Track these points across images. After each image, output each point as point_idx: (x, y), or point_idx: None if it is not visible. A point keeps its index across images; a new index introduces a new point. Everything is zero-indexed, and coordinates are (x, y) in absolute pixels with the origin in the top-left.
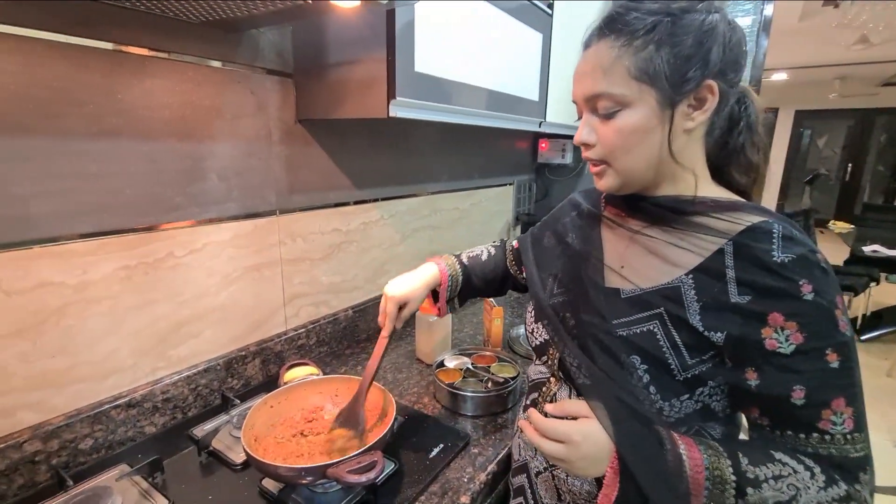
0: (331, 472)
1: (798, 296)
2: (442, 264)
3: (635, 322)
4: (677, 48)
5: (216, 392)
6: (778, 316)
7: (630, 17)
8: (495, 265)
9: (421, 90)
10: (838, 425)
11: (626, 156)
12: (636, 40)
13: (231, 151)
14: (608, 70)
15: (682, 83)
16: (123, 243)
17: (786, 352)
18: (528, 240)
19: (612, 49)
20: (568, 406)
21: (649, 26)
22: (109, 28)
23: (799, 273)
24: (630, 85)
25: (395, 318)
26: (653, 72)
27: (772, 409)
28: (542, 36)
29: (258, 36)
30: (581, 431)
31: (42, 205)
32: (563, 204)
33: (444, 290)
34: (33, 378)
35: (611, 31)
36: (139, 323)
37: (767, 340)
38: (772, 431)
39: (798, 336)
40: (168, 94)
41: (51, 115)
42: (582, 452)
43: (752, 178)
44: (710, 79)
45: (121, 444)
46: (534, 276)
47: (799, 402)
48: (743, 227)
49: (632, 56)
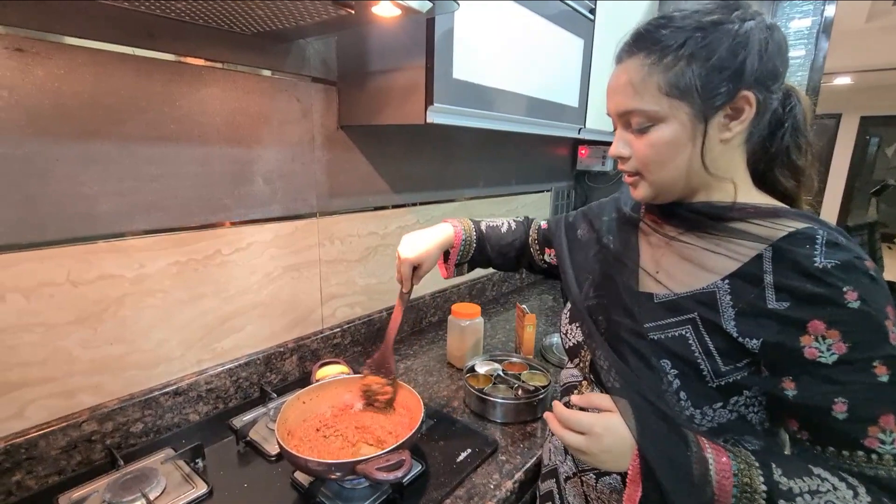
0: (359, 469)
1: (842, 303)
2: (458, 227)
3: (667, 326)
4: (709, 62)
5: (255, 385)
6: (819, 324)
7: (660, 33)
8: (514, 239)
9: (459, 96)
10: (887, 444)
11: (659, 169)
12: (666, 57)
13: (276, 156)
14: (639, 87)
15: (715, 96)
16: (176, 240)
17: (827, 361)
18: (561, 224)
19: (642, 66)
20: (594, 399)
21: (680, 41)
22: (171, 41)
23: (843, 280)
24: (661, 101)
25: (411, 277)
26: (684, 87)
27: (811, 421)
28: (583, 41)
29: (305, 46)
30: (603, 424)
31: (105, 203)
32: (607, 201)
33: (454, 252)
34: (93, 363)
35: (641, 49)
36: (188, 316)
37: (807, 349)
38: (812, 447)
39: (841, 346)
40: (221, 101)
41: (117, 121)
42: (604, 445)
43: (797, 182)
44: (745, 89)
45: (167, 429)
46: (568, 272)
47: (841, 415)
48: (784, 232)
49: (662, 73)
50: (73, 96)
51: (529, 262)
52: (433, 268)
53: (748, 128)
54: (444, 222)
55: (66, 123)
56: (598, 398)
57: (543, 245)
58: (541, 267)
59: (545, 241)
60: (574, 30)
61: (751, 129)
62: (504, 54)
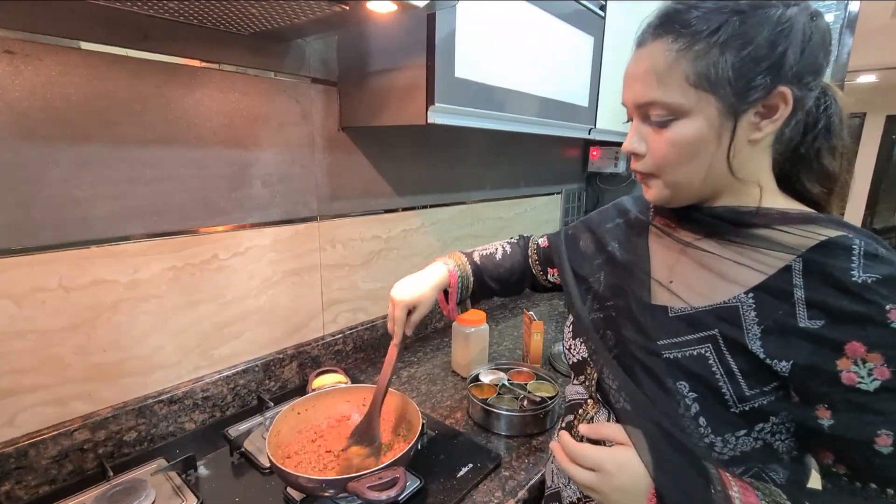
0: (351, 487)
1: (885, 323)
2: (451, 265)
3: (685, 344)
4: (745, 51)
5: (253, 393)
6: (858, 346)
7: (691, 15)
8: (512, 264)
9: (462, 96)
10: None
11: (678, 169)
12: (697, 43)
13: (275, 158)
14: (663, 76)
15: (749, 91)
16: (172, 245)
17: (868, 388)
18: (560, 239)
19: (668, 52)
20: (604, 429)
21: (714, 27)
22: (166, 42)
23: (885, 296)
24: (688, 93)
25: (405, 323)
26: (715, 78)
27: (850, 455)
28: (593, 39)
29: (304, 46)
30: (615, 460)
31: (99, 207)
32: (608, 207)
33: (453, 292)
34: (86, 370)
35: (668, 32)
36: (184, 322)
37: (844, 373)
38: (850, 483)
39: (884, 371)
40: (217, 103)
41: (110, 123)
42: (616, 484)
43: (827, 188)
44: (782, 85)
45: (162, 438)
46: (570, 285)
47: (885, 449)
48: (815, 241)
49: (692, 61)
50: (65, 99)
51: (532, 283)
52: (427, 312)
53: (780, 128)
54: (435, 261)
55: (59, 126)
56: (608, 428)
57: (546, 265)
58: (545, 287)
59: (547, 260)
60: (584, 27)
61: (782, 129)
62: (510, 52)
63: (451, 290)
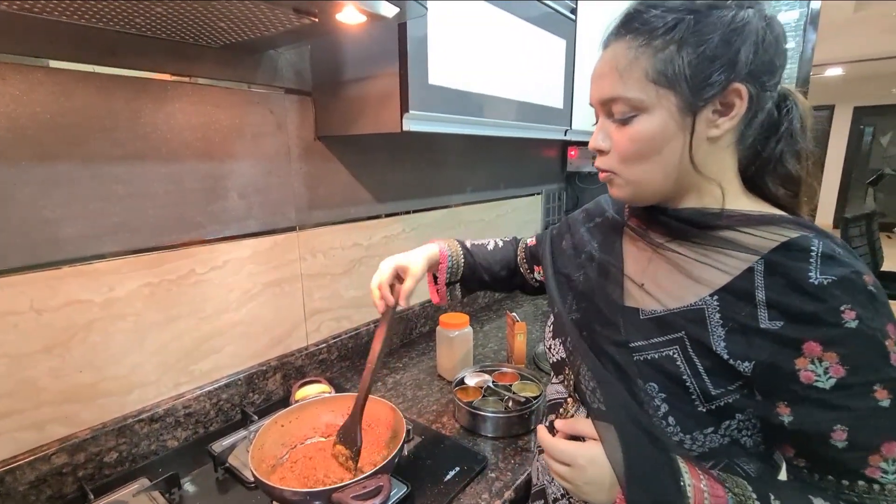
0: (336, 497)
1: (838, 323)
2: (443, 245)
3: (655, 346)
4: (701, 48)
5: (237, 407)
6: (814, 345)
7: (649, 14)
8: (503, 257)
9: (436, 103)
10: (889, 474)
11: (639, 165)
12: (655, 40)
13: (251, 170)
14: (624, 72)
15: (705, 87)
16: (147, 261)
17: (824, 386)
18: (546, 237)
19: (629, 50)
20: (579, 425)
21: (670, 24)
22: (134, 56)
23: (840, 297)
24: (647, 89)
25: (398, 293)
26: (672, 74)
27: (809, 449)
28: (565, 42)
29: (277, 56)
30: (586, 455)
31: (70, 227)
32: (590, 206)
33: (443, 269)
34: (62, 392)
35: (628, 31)
36: (162, 338)
37: (802, 372)
38: (810, 475)
39: (839, 369)
40: (189, 116)
41: (79, 141)
42: (587, 477)
43: (791, 191)
44: (737, 82)
45: (144, 457)
46: (551, 283)
47: (840, 443)
48: (776, 243)
49: (650, 57)
50: (30, 117)
51: (522, 281)
52: (421, 278)
53: (738, 127)
54: (428, 242)
55: (25, 146)
56: (582, 424)
57: (532, 263)
58: (533, 287)
59: (533, 258)
60: (555, 30)
61: (742, 130)
62: (483, 58)
63: (440, 266)
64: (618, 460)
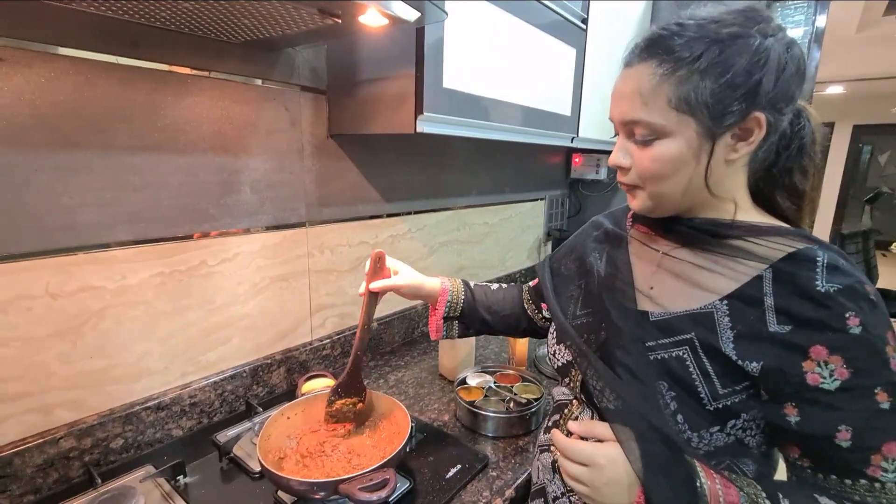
0: (342, 488)
1: (844, 329)
2: (446, 282)
3: (664, 346)
4: (723, 78)
5: (241, 398)
6: (821, 349)
7: (675, 42)
8: (505, 296)
9: (449, 106)
10: (890, 472)
11: (660, 183)
12: (680, 69)
13: (264, 165)
14: (647, 97)
15: (725, 115)
16: (160, 251)
17: (830, 388)
18: (545, 264)
19: (653, 76)
20: (595, 428)
21: (696, 54)
22: (156, 49)
23: (845, 305)
24: (669, 115)
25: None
26: (694, 102)
27: (814, 449)
28: (575, 51)
29: (294, 54)
30: (606, 455)
31: (87, 214)
32: (584, 228)
33: (442, 301)
34: (72, 378)
35: (652, 56)
36: (171, 328)
37: (809, 374)
38: (814, 474)
39: (844, 371)
40: (207, 110)
41: (99, 130)
42: (606, 477)
43: (796, 205)
44: (757, 111)
45: (149, 445)
46: (552, 301)
47: (844, 443)
48: (784, 253)
49: (674, 85)
50: (54, 105)
51: (529, 325)
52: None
53: (754, 149)
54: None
55: (47, 133)
56: (599, 427)
57: (538, 300)
58: (542, 325)
59: (538, 295)
60: (566, 39)
61: (756, 151)
62: (496, 64)
63: (440, 298)
64: (636, 460)
